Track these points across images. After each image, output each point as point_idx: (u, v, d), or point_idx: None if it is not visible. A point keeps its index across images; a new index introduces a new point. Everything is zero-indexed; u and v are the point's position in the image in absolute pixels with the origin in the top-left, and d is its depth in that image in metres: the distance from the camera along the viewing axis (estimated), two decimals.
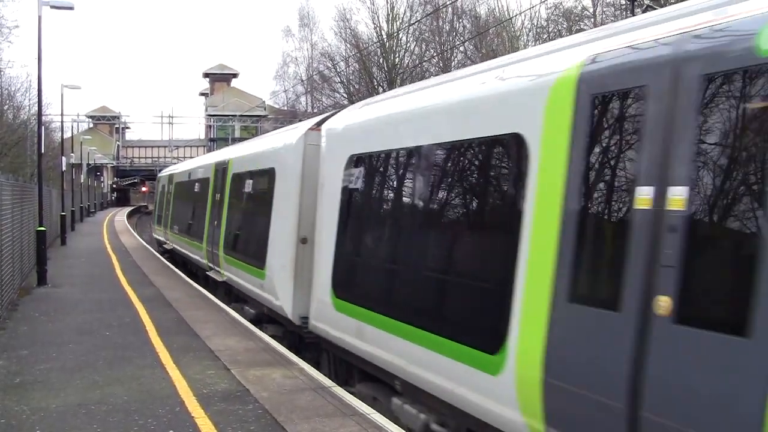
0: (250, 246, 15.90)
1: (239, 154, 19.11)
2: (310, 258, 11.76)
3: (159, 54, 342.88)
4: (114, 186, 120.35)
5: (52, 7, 22.44)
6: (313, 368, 10.76)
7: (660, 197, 5.14)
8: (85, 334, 13.18)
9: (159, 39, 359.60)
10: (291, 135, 13.99)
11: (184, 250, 26.30)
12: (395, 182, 9.42)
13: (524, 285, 6.41)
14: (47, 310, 15.80)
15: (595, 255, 5.89)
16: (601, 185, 5.81)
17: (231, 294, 18.36)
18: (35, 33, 21.59)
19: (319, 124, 12.71)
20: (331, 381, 10.05)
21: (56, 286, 20.08)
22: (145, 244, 37.69)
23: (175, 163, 54.94)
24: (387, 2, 58.11)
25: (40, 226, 21.71)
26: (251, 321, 14.97)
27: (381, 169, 9.77)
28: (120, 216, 73.55)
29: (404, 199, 9.12)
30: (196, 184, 24.75)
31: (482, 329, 6.97)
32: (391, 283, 9.14)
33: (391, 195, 9.62)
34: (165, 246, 32.64)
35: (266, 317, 14.72)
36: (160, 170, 52.99)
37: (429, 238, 8.37)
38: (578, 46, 6.51)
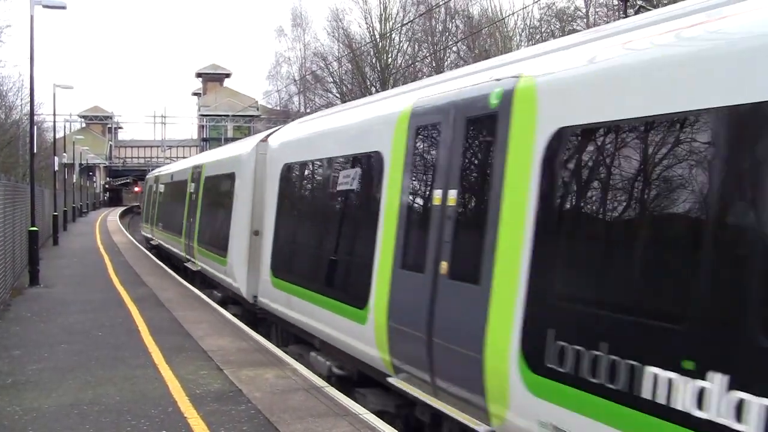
0: (217, 238, 18.43)
1: (210, 159, 21.90)
2: (260, 247, 14.30)
3: (152, 54, 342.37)
4: (106, 186, 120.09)
5: (45, 6, 22.36)
6: (305, 368, 10.78)
7: (444, 197, 7.83)
8: (77, 334, 13.17)
9: (152, 39, 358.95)
10: (247, 145, 16.90)
11: (166, 245, 29.11)
12: (310, 186, 12.61)
13: (379, 260, 9.04)
14: (39, 311, 15.77)
15: (412, 236, 8.47)
16: (419, 188, 8.56)
17: (205, 282, 20.53)
18: (27, 32, 21.58)
19: (268, 136, 15.52)
20: (323, 381, 10.06)
21: (48, 286, 20.04)
22: (137, 244, 37.62)
23: (167, 164, 55.02)
24: (380, 2, 58.25)
25: (33, 226, 21.66)
26: (219, 303, 17.44)
27: (302, 175, 12.80)
28: (112, 216, 73.39)
29: (315, 200, 12.11)
30: (177, 185, 27.45)
31: (357, 292, 9.52)
32: (308, 263, 12.04)
33: (308, 196, 12.59)
34: (152, 242, 35.38)
35: (230, 299, 17.32)
36: (152, 170, 53.22)
37: (328, 229, 11.31)
38: (417, 90, 9.44)
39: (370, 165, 9.83)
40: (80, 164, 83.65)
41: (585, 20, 43.27)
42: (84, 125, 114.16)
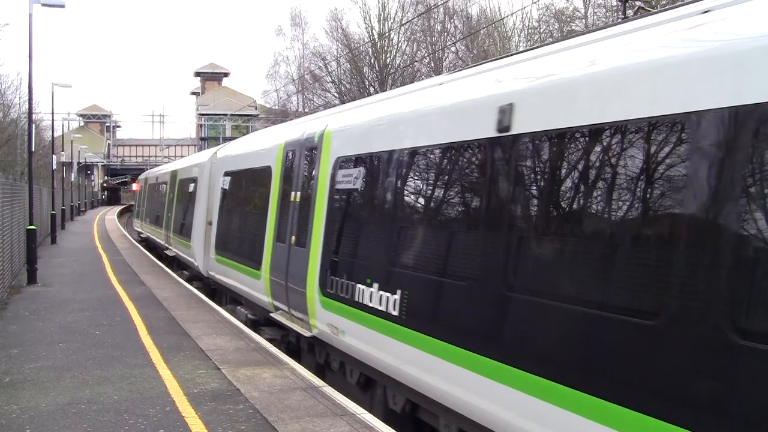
0: (184, 229, 23.54)
1: (182, 166, 27.36)
2: (211, 234, 19.13)
3: (150, 53, 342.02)
4: (104, 185, 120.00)
5: (43, 5, 22.32)
6: (303, 368, 10.79)
7: (294, 195, 12.41)
8: (75, 333, 13.16)
9: (150, 38, 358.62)
10: (205, 156, 22.91)
11: (152, 236, 34.77)
12: (236, 189, 17.54)
13: (267, 238, 13.74)
14: (37, 309, 15.77)
15: (281, 220, 13.05)
16: (287, 190, 12.94)
17: (180, 266, 25.75)
18: (26, 31, 21.55)
19: (218, 151, 21.01)
20: (320, 381, 10.07)
21: (46, 285, 20.03)
22: (135, 242, 37.62)
23: (165, 163, 55.32)
24: (378, 2, 58.26)
25: (31, 224, 21.65)
26: (187, 280, 22.28)
27: (232, 181, 17.78)
28: (110, 215, 73.34)
29: (237, 198, 17.33)
30: (159, 186, 33.19)
31: (256, 259, 14.24)
32: (234, 243, 16.83)
33: (234, 196, 17.61)
34: (141, 235, 40.87)
35: (195, 276, 22.41)
36: (148, 170, 53.72)
37: (245, 219, 16.30)
38: (288, 128, 14.81)
39: (264, 175, 14.52)
40: (78, 163, 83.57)
41: (584, 21, 43.28)
42: (82, 124, 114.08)
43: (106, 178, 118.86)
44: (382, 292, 8.74)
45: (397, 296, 8.37)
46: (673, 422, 4.69)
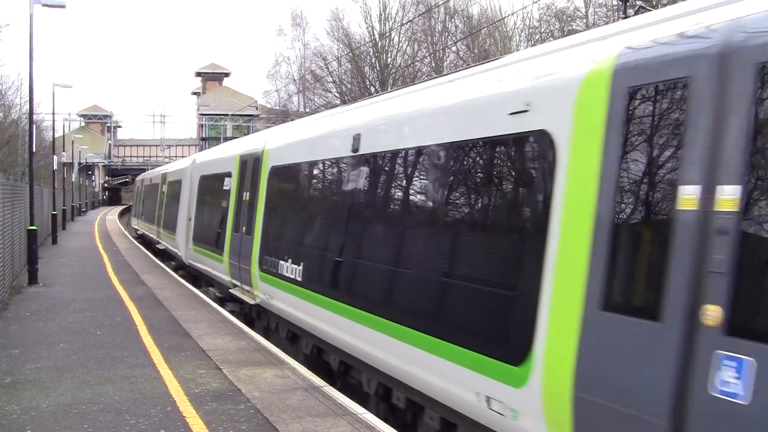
0: (171, 224, 26.96)
1: (171, 169, 31.00)
2: (190, 228, 22.67)
3: (151, 53, 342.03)
4: (105, 185, 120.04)
5: (44, 5, 22.31)
6: (304, 368, 10.78)
7: (246, 195, 15.61)
8: (76, 333, 13.16)
9: (151, 38, 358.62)
10: (188, 161, 26.49)
11: (146, 232, 38.05)
12: (209, 190, 20.62)
13: (227, 229, 16.87)
14: (38, 310, 15.76)
15: (237, 216, 16.19)
16: (241, 193, 15.98)
17: (169, 257, 28.88)
18: (27, 31, 21.57)
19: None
20: (321, 381, 10.06)
21: (47, 285, 20.03)
22: (135, 242, 37.63)
23: (166, 163, 55.53)
24: (379, 2, 58.22)
25: (32, 225, 21.65)
26: (174, 269, 25.49)
27: (206, 183, 21.14)
28: (111, 215, 73.37)
29: (210, 197, 20.43)
30: (154, 187, 36.32)
31: (220, 246, 17.27)
32: (206, 234, 20.06)
33: (207, 195, 20.86)
34: (138, 232, 43.94)
35: (180, 266, 25.56)
36: (148, 170, 54.15)
37: (212, 213, 19.59)
38: (243, 145, 17.98)
39: (226, 180, 17.89)
40: (79, 163, 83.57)
41: (584, 20, 43.26)
42: (83, 124, 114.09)
43: (107, 178, 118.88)
44: (292, 265, 12.16)
45: (300, 267, 11.82)
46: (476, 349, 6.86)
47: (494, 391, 6.51)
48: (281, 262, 12.71)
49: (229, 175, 17.72)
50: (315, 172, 12.10)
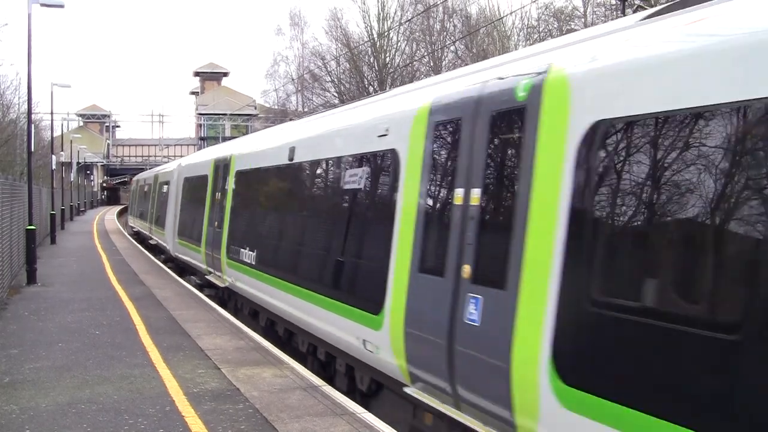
0: (161, 221, 29.80)
1: (162, 171, 33.82)
2: (176, 224, 25.67)
3: (149, 52, 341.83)
4: (104, 185, 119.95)
5: (42, 5, 22.32)
6: (303, 367, 10.79)
7: (219, 195, 18.52)
8: (75, 333, 13.16)
9: (149, 37, 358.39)
10: (175, 164, 29.68)
11: (141, 229, 40.39)
12: (191, 190, 23.46)
13: (204, 224, 19.71)
14: (37, 309, 15.76)
15: (212, 213, 18.97)
16: (215, 193, 18.96)
17: (160, 251, 31.30)
18: (25, 31, 21.51)
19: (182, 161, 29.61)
20: (320, 380, 10.07)
21: (46, 285, 20.03)
22: (134, 242, 37.63)
23: (165, 162, 55.73)
24: (378, 1, 58.17)
25: (30, 224, 21.64)
26: (163, 261, 28.22)
27: (189, 185, 23.98)
28: (110, 215, 73.39)
29: (191, 196, 23.13)
30: (147, 187, 39.15)
31: (199, 240, 20.09)
32: (187, 229, 22.90)
33: (189, 194, 23.65)
34: (134, 229, 46.02)
35: (168, 258, 28.08)
36: (150, 168, 54.38)
37: (193, 210, 21.87)
38: (183, 160, 28.08)
39: (205, 181, 20.59)
40: (78, 163, 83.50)
41: (583, 20, 43.27)
42: (82, 124, 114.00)
43: (105, 178, 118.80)
44: (249, 252, 14.80)
45: (254, 253, 14.49)
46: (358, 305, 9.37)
47: (367, 336, 9.07)
48: (241, 249, 15.47)
49: (205, 177, 20.66)
50: (265, 176, 14.96)
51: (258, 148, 15.95)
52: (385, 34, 56.87)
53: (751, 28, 4.67)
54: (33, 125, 24.63)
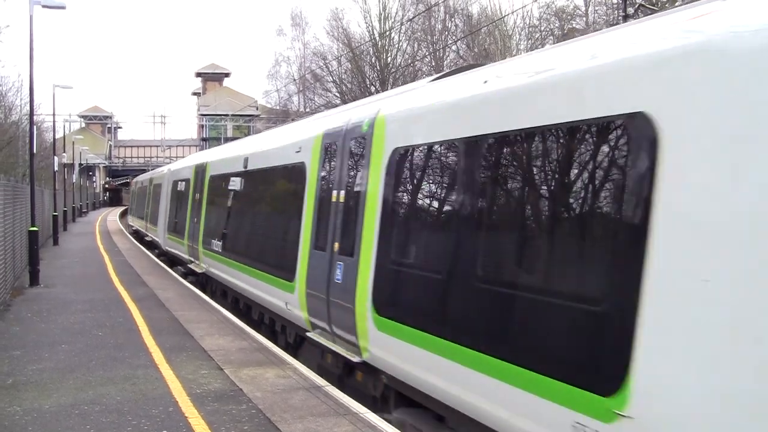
0: (155, 219, 33.26)
1: (156, 174, 37.32)
2: (165, 220, 29.19)
3: (151, 54, 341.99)
4: (106, 186, 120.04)
5: (44, 6, 22.34)
6: (306, 368, 10.79)
7: (199, 195, 21.90)
8: (77, 334, 13.17)
9: (151, 39, 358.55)
10: (166, 168, 33.72)
11: (139, 227, 43.37)
12: (178, 191, 26.45)
13: (187, 219, 23.23)
14: (40, 311, 15.77)
15: (193, 210, 22.55)
16: (195, 193, 22.56)
17: (154, 247, 33.85)
18: (27, 32, 21.54)
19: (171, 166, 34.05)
20: (324, 380, 10.07)
21: (49, 286, 20.04)
22: (137, 243, 37.65)
23: (167, 163, 55.94)
24: (379, 1, 58.14)
25: (33, 226, 21.66)
26: (156, 256, 30.44)
27: (177, 186, 26.65)
28: (112, 216, 73.46)
29: (178, 196, 26.27)
30: (144, 188, 42.52)
31: (182, 233, 23.67)
32: (175, 224, 25.90)
33: (177, 195, 26.62)
34: (132, 228, 49.56)
35: (162, 254, 30.21)
36: (152, 170, 54.71)
37: (178, 208, 25.54)
38: (200, 155, 27.32)
39: (188, 183, 23.91)
40: (80, 164, 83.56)
41: (584, 18, 43.23)
42: (83, 125, 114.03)
43: (107, 179, 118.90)
44: (217, 242, 18.05)
45: (221, 242, 17.80)
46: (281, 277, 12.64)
47: (287, 298, 12.19)
48: (212, 240, 18.90)
49: (188, 180, 24.12)
50: (228, 179, 18.00)
51: (223, 156, 19.95)
52: (387, 33, 56.85)
53: (467, 93, 7.83)
54: (35, 127, 24.64)
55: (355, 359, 9.61)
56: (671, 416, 4.77)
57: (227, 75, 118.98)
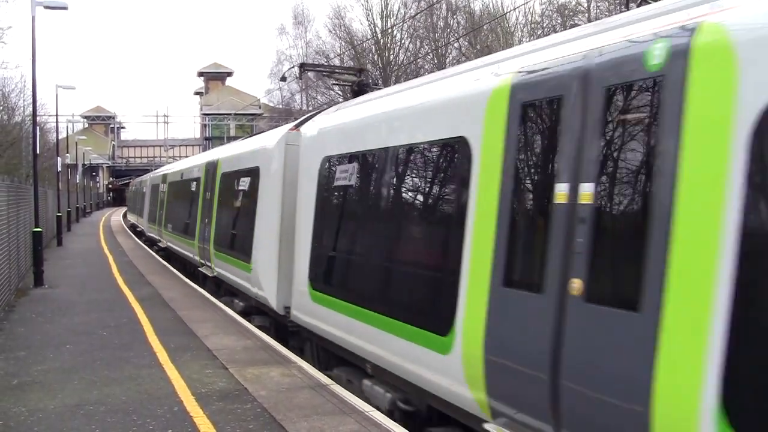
0: (151, 216, 35.75)
1: (152, 176, 40.47)
2: (157, 216, 33.41)
3: (153, 53, 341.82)
4: (110, 186, 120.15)
5: (46, 7, 22.39)
6: (311, 366, 10.78)
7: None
8: (82, 334, 13.17)
9: (153, 38, 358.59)
10: (154, 173, 40.99)
11: (138, 224, 46.52)
12: (164, 191, 31.64)
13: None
14: (44, 311, 15.79)
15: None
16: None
17: (153, 241, 35.85)
18: (29, 33, 21.64)
19: (156, 172, 41.15)
20: (328, 379, 10.06)
21: (53, 286, 20.06)
22: (141, 243, 37.68)
23: (169, 163, 56.30)
24: None
25: (36, 226, 21.68)
26: (150, 246, 34.79)
27: (159, 188, 33.71)
28: (116, 216, 73.49)
29: (162, 194, 32.37)
30: (142, 189, 45.49)
31: (187, 230, 23.48)
32: (171, 223, 27.86)
33: (161, 194, 32.31)
34: (129, 222, 54.24)
35: (160, 249, 31.85)
36: (154, 170, 55.04)
37: (171, 207, 28.75)
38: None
39: (196, 182, 23.41)
40: (83, 164, 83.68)
41: (587, 15, 43.14)
42: (86, 125, 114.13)
43: (111, 179, 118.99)
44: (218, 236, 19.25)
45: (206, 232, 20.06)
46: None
47: (246, 276, 14.81)
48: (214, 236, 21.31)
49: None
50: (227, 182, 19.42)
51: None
52: (389, 31, 56.79)
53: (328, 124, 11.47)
54: (38, 127, 24.67)
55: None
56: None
57: (230, 74, 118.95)
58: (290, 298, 12.17)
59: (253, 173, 15.13)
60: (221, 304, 16.82)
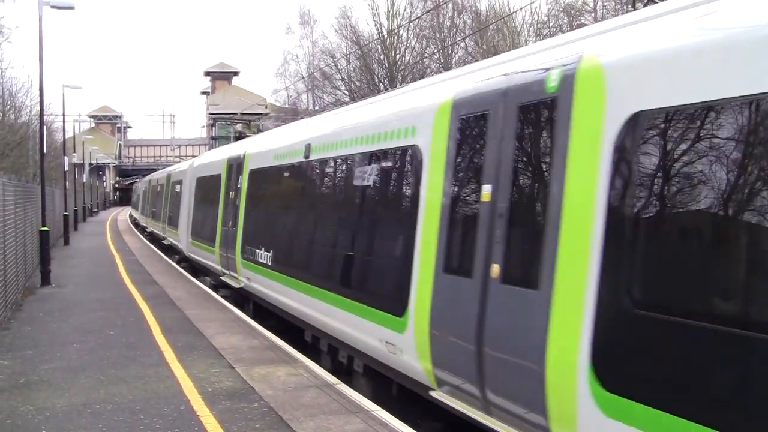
0: (149, 212, 40.74)
1: (151, 178, 45.74)
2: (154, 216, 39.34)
3: (160, 53, 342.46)
4: (116, 185, 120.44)
5: (53, 7, 22.41)
6: (317, 366, 10.78)
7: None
8: (89, 333, 13.20)
9: (160, 38, 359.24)
10: (148, 177, 51.80)
11: (139, 220, 51.28)
12: (150, 190, 43.37)
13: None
14: (51, 310, 15.83)
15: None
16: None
17: (152, 235, 40.16)
18: (36, 33, 21.60)
19: (148, 175, 57.20)
20: (335, 378, 10.06)
21: (60, 286, 20.11)
22: (147, 242, 37.76)
23: (176, 162, 56.48)
24: None
25: (44, 226, 21.74)
26: (147, 237, 40.58)
27: (149, 189, 44.42)
28: (122, 215, 73.65)
29: (151, 193, 42.41)
30: (141, 189, 51.40)
31: (175, 224, 28.48)
32: (148, 209, 43.03)
33: (149, 193, 43.83)
34: (135, 220, 56.97)
35: (137, 224, 49.49)
36: (161, 169, 55.74)
37: (159, 203, 36.67)
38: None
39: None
40: (90, 164, 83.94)
41: (593, 14, 43.05)
42: (93, 125, 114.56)
43: (117, 178, 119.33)
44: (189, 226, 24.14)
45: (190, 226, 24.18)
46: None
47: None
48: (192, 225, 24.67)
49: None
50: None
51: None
52: (395, 31, 56.77)
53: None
54: (45, 127, 24.74)
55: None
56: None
57: (236, 74, 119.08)
58: None
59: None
60: (228, 304, 16.83)
